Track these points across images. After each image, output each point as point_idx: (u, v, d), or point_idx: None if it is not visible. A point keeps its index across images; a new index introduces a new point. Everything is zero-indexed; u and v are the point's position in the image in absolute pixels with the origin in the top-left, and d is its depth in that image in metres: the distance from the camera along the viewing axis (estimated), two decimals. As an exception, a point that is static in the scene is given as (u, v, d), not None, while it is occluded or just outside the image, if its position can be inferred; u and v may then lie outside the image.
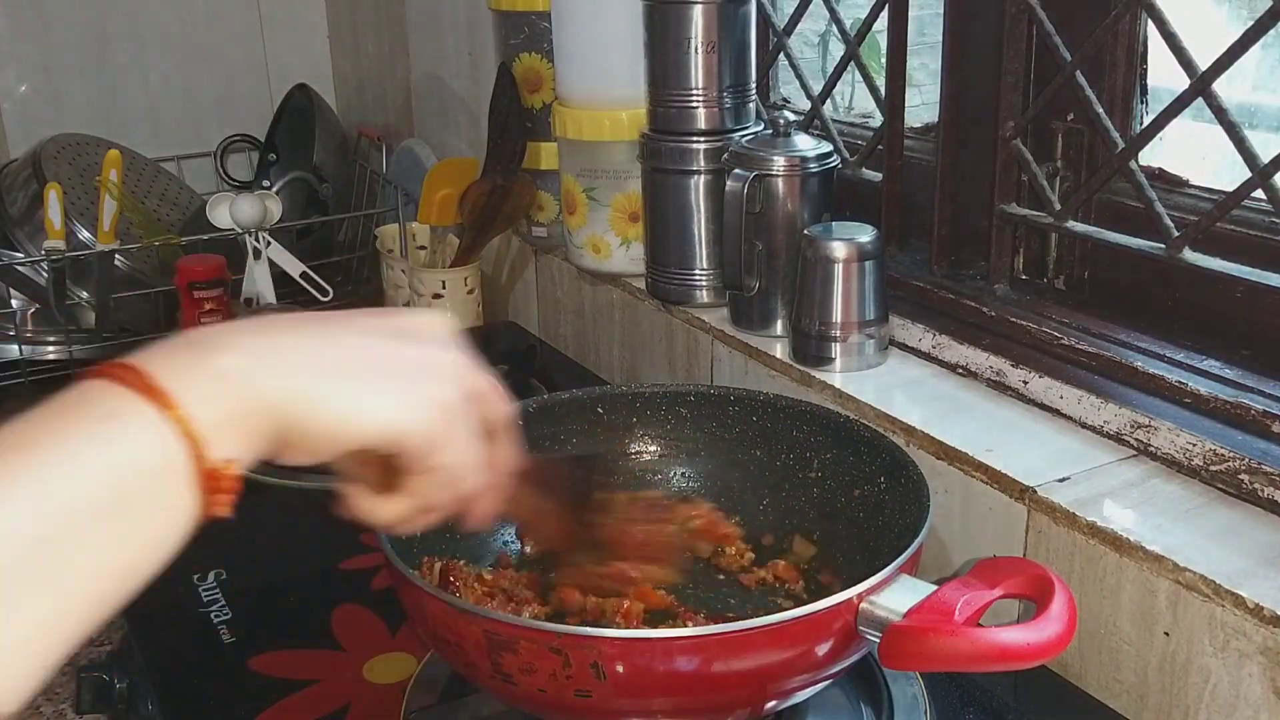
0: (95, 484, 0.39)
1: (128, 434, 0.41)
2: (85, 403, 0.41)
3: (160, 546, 0.42)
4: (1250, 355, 0.85)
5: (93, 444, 0.40)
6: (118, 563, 0.40)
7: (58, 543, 0.38)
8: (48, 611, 0.38)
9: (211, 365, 0.43)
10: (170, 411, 0.41)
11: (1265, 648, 0.67)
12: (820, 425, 0.86)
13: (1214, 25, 0.98)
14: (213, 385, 0.43)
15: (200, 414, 0.42)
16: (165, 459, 0.41)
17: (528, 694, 0.64)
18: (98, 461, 0.40)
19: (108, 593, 0.40)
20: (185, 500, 0.42)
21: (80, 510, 0.38)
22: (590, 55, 1.20)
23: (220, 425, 0.42)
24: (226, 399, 0.43)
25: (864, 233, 0.99)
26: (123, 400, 0.41)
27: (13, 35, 1.89)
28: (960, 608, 0.63)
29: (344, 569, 0.96)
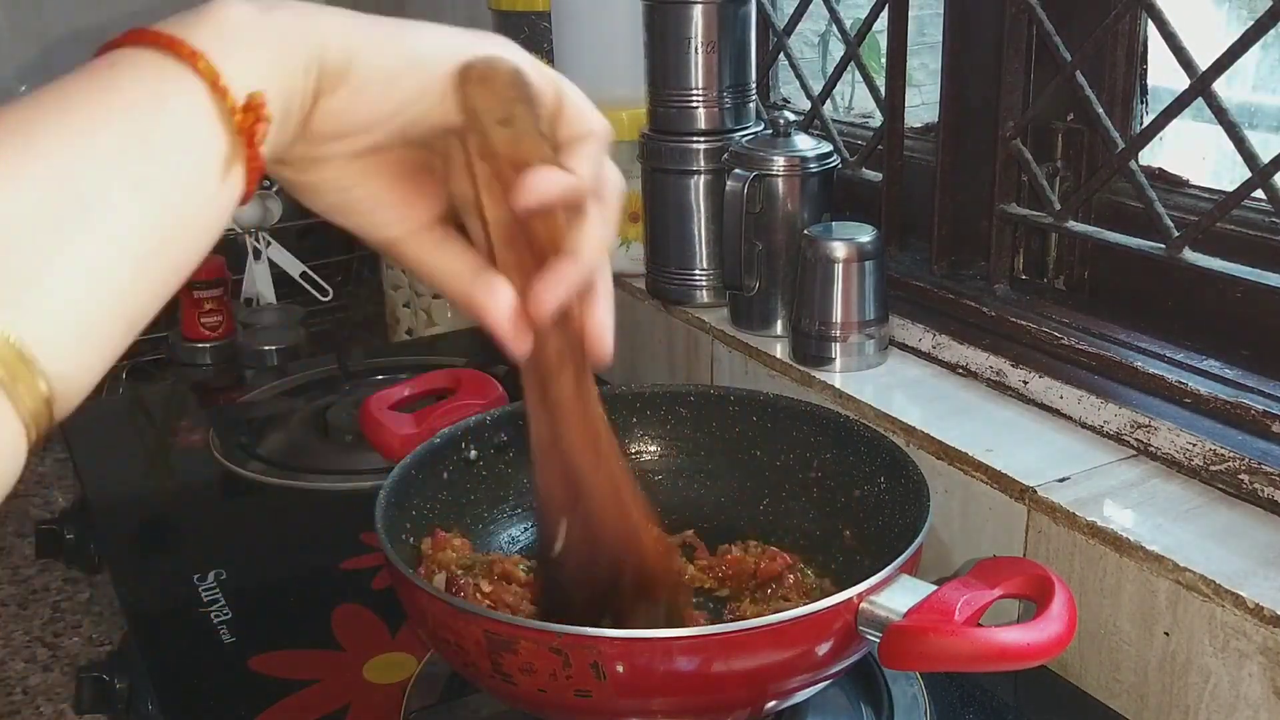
0: (105, 123, 0.37)
1: (135, 77, 0.38)
2: (88, 68, 0.39)
3: (200, 195, 0.39)
4: (1250, 355, 0.85)
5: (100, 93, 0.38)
6: (153, 208, 0.37)
7: (83, 182, 0.35)
8: (88, 259, 0.35)
9: (218, 13, 0.40)
10: (179, 48, 0.38)
11: (1265, 648, 0.67)
12: (820, 425, 0.86)
13: (1214, 25, 0.99)
14: (220, 24, 0.40)
15: (212, 49, 0.39)
16: (181, 96, 0.38)
17: (528, 694, 0.64)
18: (104, 108, 0.37)
19: (150, 243, 0.37)
20: (214, 137, 0.39)
21: (101, 155, 0.36)
22: (590, 55, 1.20)
23: (237, 57, 0.39)
24: (243, 32, 0.40)
25: (864, 233, 0.99)
26: (126, 53, 0.39)
27: (13, 35, 1.89)
28: (960, 608, 0.63)
29: (344, 569, 0.96)
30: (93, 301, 0.35)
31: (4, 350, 0.32)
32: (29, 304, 0.33)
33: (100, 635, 1.24)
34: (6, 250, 0.33)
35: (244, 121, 0.39)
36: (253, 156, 0.40)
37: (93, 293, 0.35)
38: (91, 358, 0.35)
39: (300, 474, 1.14)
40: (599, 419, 0.57)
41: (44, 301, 0.33)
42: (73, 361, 0.34)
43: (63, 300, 0.34)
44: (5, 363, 0.32)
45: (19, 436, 0.33)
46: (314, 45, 0.42)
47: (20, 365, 0.32)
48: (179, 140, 0.38)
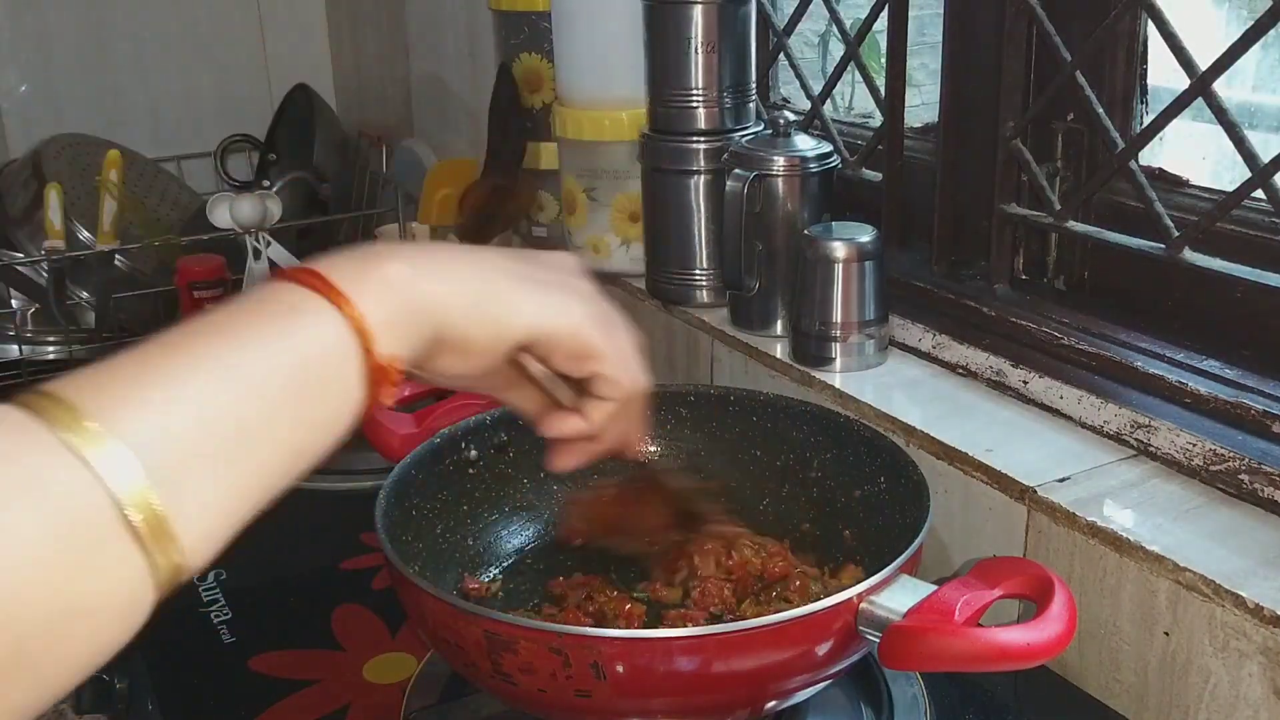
0: (281, 368, 0.44)
1: (310, 326, 0.45)
2: (271, 299, 0.46)
3: (332, 430, 0.46)
4: (1250, 355, 0.85)
5: (280, 334, 0.44)
6: (295, 441, 0.44)
7: (247, 415, 0.42)
8: (242, 480, 0.42)
9: (380, 271, 0.48)
10: (346, 309, 0.46)
11: (1265, 648, 0.67)
12: (820, 425, 0.86)
13: (1214, 25, 0.99)
14: (380, 287, 0.47)
15: (370, 312, 0.46)
16: (341, 350, 0.46)
17: (528, 694, 0.64)
18: (283, 348, 0.44)
19: (287, 469, 0.44)
20: (355, 388, 0.46)
21: (269, 391, 0.43)
22: (590, 55, 1.20)
23: (386, 323, 0.47)
24: (392, 300, 0.47)
25: (864, 233, 0.99)
26: (304, 298, 0.46)
27: (13, 35, 1.89)
28: (960, 608, 0.63)
29: (344, 569, 0.96)
30: (228, 508, 0.42)
31: (155, 522, 0.38)
32: (178, 501, 0.39)
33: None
34: (173, 457, 0.39)
35: (377, 379, 0.47)
36: (373, 404, 0.48)
37: (229, 501, 0.42)
38: (216, 546, 0.42)
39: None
40: None
41: (192, 501, 0.40)
42: (202, 549, 0.41)
43: (206, 504, 0.41)
44: (153, 531, 0.38)
45: (149, 596, 0.41)
46: (439, 320, 0.50)
47: (164, 535, 0.39)
48: (329, 390, 0.45)
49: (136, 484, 0.38)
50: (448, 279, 0.51)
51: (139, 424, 0.39)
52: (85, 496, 0.37)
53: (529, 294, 0.54)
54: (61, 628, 0.37)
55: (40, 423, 0.38)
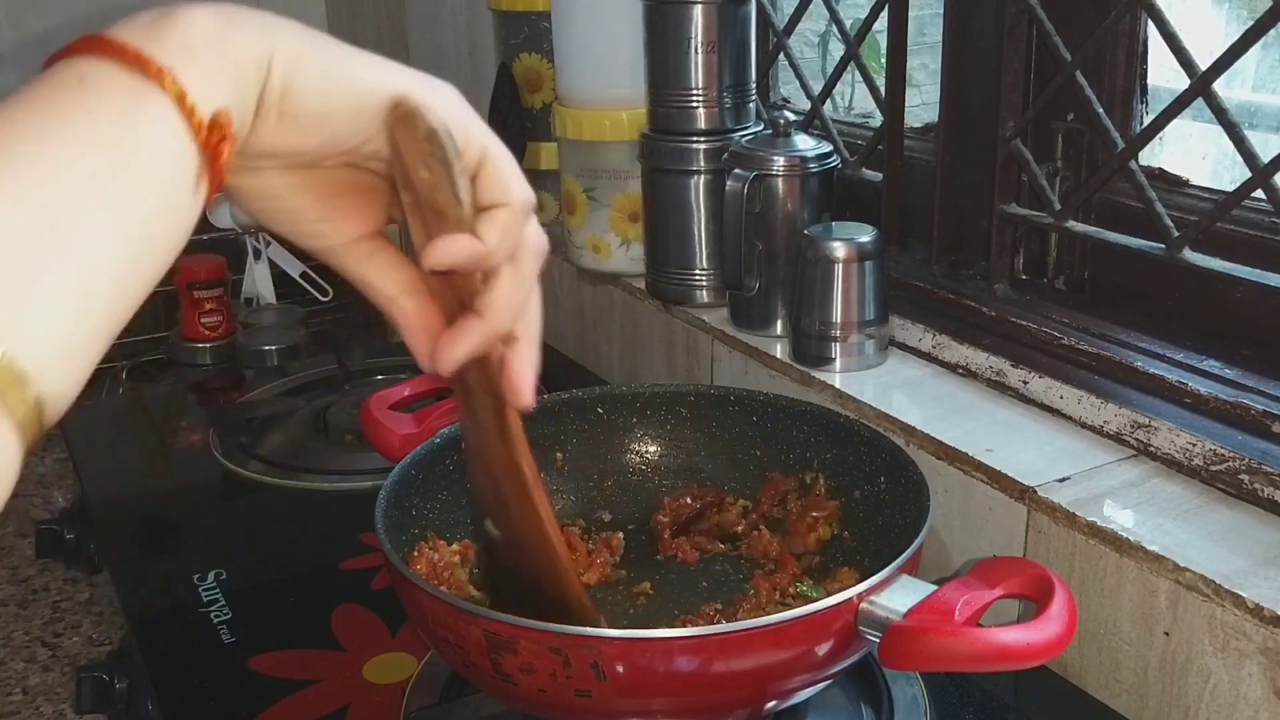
0: (84, 148, 0.38)
1: (102, 94, 0.39)
2: (54, 77, 0.40)
3: (174, 205, 0.40)
4: (1250, 355, 0.85)
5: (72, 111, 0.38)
6: (130, 226, 0.38)
7: (70, 215, 0.37)
8: (71, 280, 0.37)
9: (178, 22, 0.41)
10: (143, 65, 0.40)
11: (1265, 648, 0.67)
12: (820, 425, 0.86)
13: (1214, 25, 0.99)
14: (183, 39, 0.41)
15: (175, 63, 0.40)
16: (146, 108, 0.39)
17: (528, 694, 0.64)
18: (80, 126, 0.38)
19: (129, 259, 0.38)
20: (184, 152, 0.40)
21: (77, 179, 0.37)
22: (590, 55, 1.20)
23: (199, 74, 0.40)
24: (201, 51, 0.41)
25: (864, 233, 0.99)
26: (91, 66, 0.40)
27: (13, 35, 1.89)
28: (960, 608, 0.63)
29: (344, 569, 0.96)
30: (77, 319, 0.37)
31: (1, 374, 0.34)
32: (18, 324, 0.35)
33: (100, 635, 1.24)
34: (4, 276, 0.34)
35: (210, 140, 0.41)
36: (216, 170, 0.41)
37: (77, 311, 0.37)
38: (77, 367, 0.37)
39: (300, 474, 1.14)
40: (521, 454, 0.58)
41: (32, 322, 0.35)
42: (60, 372, 0.36)
43: (50, 321, 0.36)
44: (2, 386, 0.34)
45: (13, 446, 0.35)
46: (264, 66, 0.43)
47: (11, 378, 0.34)
48: (152, 162, 0.39)
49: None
50: (266, 29, 0.43)
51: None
52: None
53: (390, 64, 0.46)
54: None
55: None
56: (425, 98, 0.46)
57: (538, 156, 1.35)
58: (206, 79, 0.41)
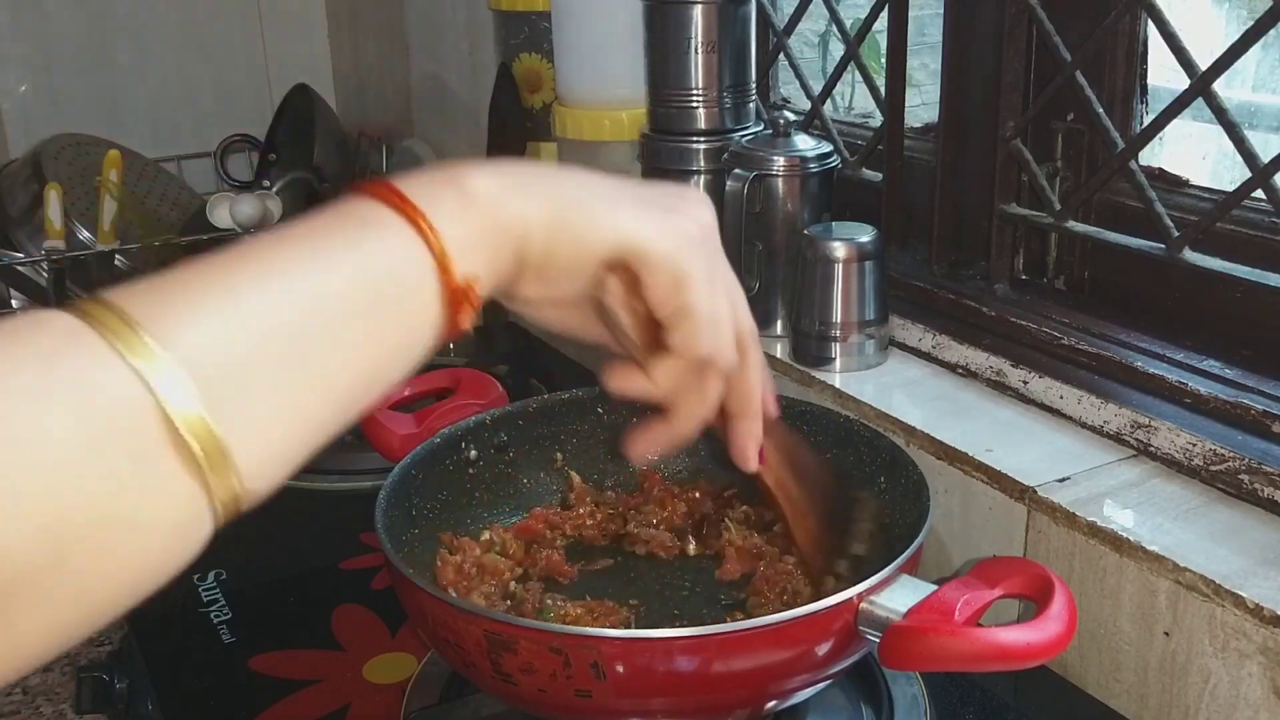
0: (349, 283, 0.41)
1: (381, 241, 0.42)
2: (342, 213, 0.43)
3: (405, 354, 0.43)
4: (1250, 355, 0.85)
5: (349, 247, 0.42)
6: (365, 363, 0.42)
7: (313, 333, 0.39)
8: (305, 401, 0.40)
9: (459, 185, 0.45)
10: (421, 223, 0.43)
11: (1265, 648, 0.67)
12: (820, 425, 0.86)
13: (1214, 25, 0.99)
14: (460, 203, 0.45)
15: (448, 230, 0.43)
16: (414, 266, 0.43)
17: (528, 694, 0.64)
18: (352, 262, 0.41)
19: (354, 392, 0.42)
20: (431, 309, 0.43)
21: (333, 305, 0.40)
22: (590, 55, 1.20)
23: (464, 240, 0.44)
24: (472, 216, 0.45)
25: (864, 233, 0.99)
26: (376, 211, 0.43)
27: (13, 35, 1.89)
28: (960, 608, 0.63)
29: (344, 569, 0.96)
30: (292, 431, 0.40)
31: (210, 445, 0.36)
32: (239, 422, 0.37)
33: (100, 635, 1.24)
34: (229, 373, 0.37)
35: (455, 299, 0.44)
36: (453, 326, 0.45)
37: (294, 425, 0.40)
38: (279, 474, 0.40)
39: (300, 474, 1.13)
40: None
41: (251, 423, 0.38)
42: (264, 475, 0.39)
43: (267, 426, 0.39)
44: (209, 455, 0.36)
45: (207, 524, 0.38)
46: (524, 234, 0.47)
47: (221, 461, 0.37)
48: (402, 310, 0.43)
49: (188, 400, 0.36)
50: (535, 193, 0.47)
51: (195, 337, 0.37)
52: (132, 405, 0.35)
53: (623, 208, 0.49)
54: (104, 539, 0.35)
55: (91, 329, 0.36)
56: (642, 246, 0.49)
57: (538, 156, 1.35)
58: (470, 243, 0.44)
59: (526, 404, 0.87)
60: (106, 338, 0.36)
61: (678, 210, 0.51)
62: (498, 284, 0.47)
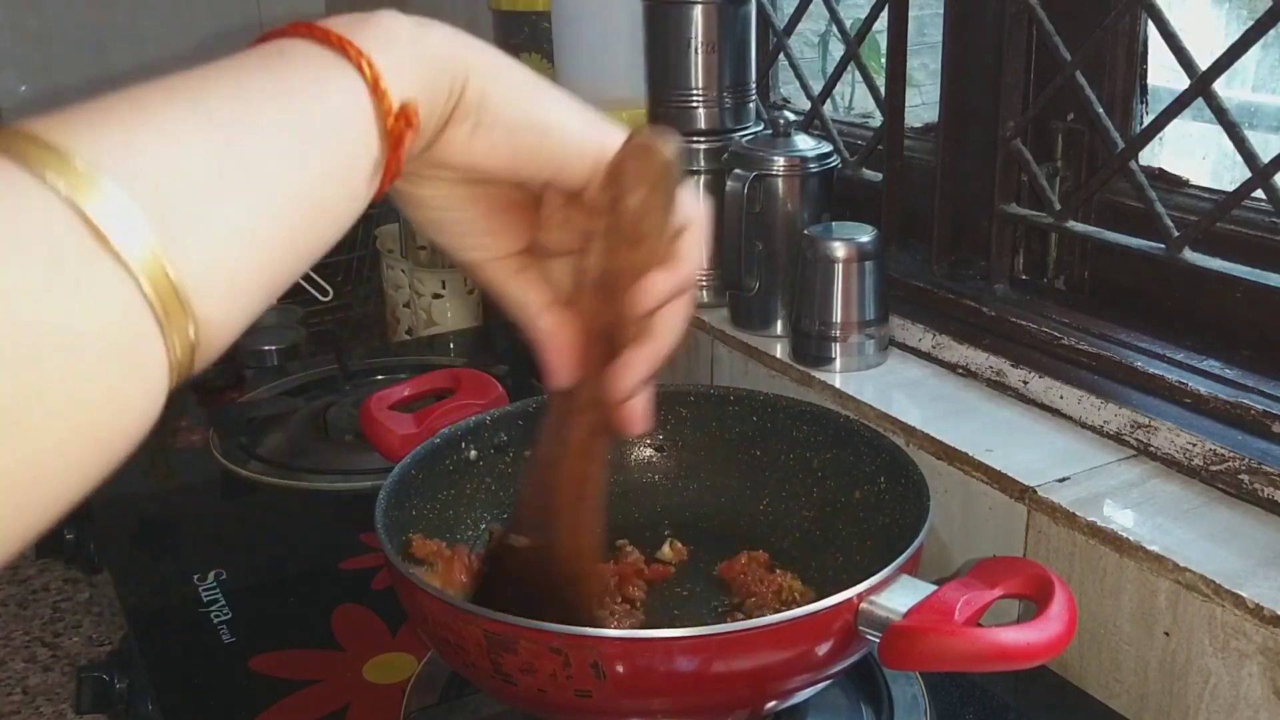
0: (283, 110, 0.39)
1: (310, 70, 0.40)
2: (268, 51, 0.41)
3: (349, 180, 0.41)
4: (1250, 355, 0.85)
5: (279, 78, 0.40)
6: (309, 186, 0.39)
7: (252, 156, 0.37)
8: (249, 222, 0.36)
9: (375, 24, 0.43)
10: (349, 50, 0.41)
11: (1265, 648, 0.67)
12: (820, 425, 0.86)
13: (1214, 25, 0.99)
14: (387, 35, 0.42)
15: (378, 56, 0.41)
16: (348, 94, 0.41)
17: (528, 694, 0.64)
18: (284, 90, 0.39)
19: (303, 218, 0.39)
20: (369, 133, 0.41)
21: (268, 130, 0.38)
22: (590, 55, 1.20)
23: (397, 68, 0.42)
24: (402, 46, 0.43)
25: (864, 233, 0.99)
26: (303, 46, 0.41)
27: (13, 35, 1.89)
28: (960, 608, 0.63)
29: (344, 569, 0.96)
30: (243, 256, 0.36)
31: (164, 289, 0.33)
32: (188, 248, 0.34)
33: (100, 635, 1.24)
34: (172, 195, 0.34)
35: (396, 127, 0.42)
36: (394, 161, 0.42)
37: (244, 248, 0.36)
38: (234, 312, 0.36)
39: (300, 474, 1.13)
40: (594, 476, 0.59)
41: (202, 247, 0.34)
42: (219, 311, 0.35)
43: (219, 249, 0.35)
44: (164, 302, 0.33)
45: (165, 379, 0.34)
46: (459, 72, 0.44)
47: (176, 306, 0.33)
48: (337, 131, 0.40)
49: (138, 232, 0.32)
50: (465, 40, 0.46)
51: (137, 162, 0.34)
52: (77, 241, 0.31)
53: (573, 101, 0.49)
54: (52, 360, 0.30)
55: (18, 165, 0.32)
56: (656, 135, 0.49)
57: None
58: (401, 68, 0.42)
59: (526, 404, 0.87)
60: (37, 172, 0.32)
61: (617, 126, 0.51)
62: (432, 119, 0.44)
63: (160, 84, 0.37)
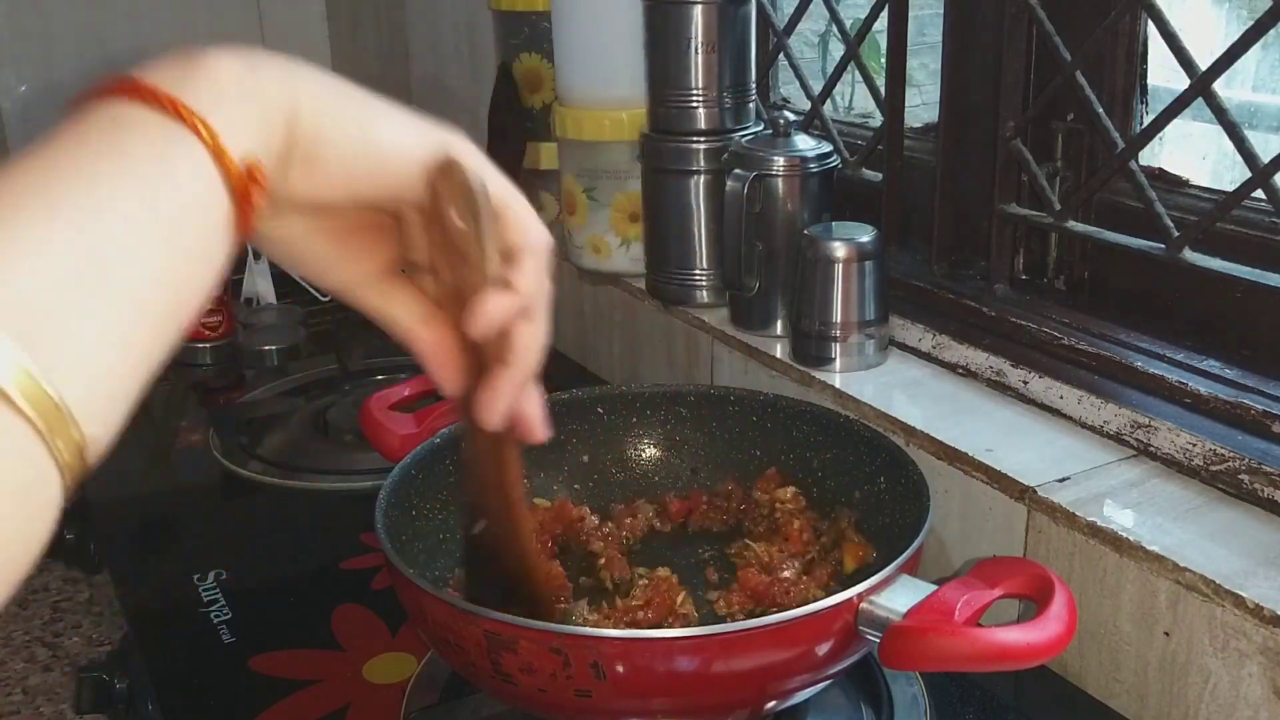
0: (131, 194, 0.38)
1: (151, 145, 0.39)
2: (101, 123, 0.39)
3: (210, 254, 0.41)
4: (1250, 355, 0.85)
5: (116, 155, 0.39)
6: (175, 274, 0.39)
7: (110, 256, 0.37)
8: (117, 327, 0.37)
9: (206, 67, 0.41)
10: (183, 113, 0.40)
11: (1265, 648, 0.67)
12: (820, 425, 0.86)
13: (1214, 25, 0.99)
14: (216, 84, 0.41)
15: (213, 114, 0.40)
16: (188, 158, 0.40)
17: (528, 694, 0.64)
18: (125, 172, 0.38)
19: (167, 306, 0.39)
20: (219, 198, 0.40)
21: (122, 224, 0.37)
22: (590, 55, 1.20)
23: (233, 121, 0.41)
24: (233, 94, 0.41)
25: (864, 233, 0.99)
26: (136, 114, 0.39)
27: (13, 35, 1.89)
28: (960, 608, 0.63)
29: (344, 569, 0.96)
30: (117, 362, 0.37)
31: (45, 404, 0.34)
32: (64, 366, 0.35)
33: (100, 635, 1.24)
34: (39, 316, 0.34)
35: (242, 187, 0.41)
36: (247, 216, 0.42)
37: (118, 354, 0.37)
38: (117, 411, 0.37)
39: (300, 474, 1.14)
40: (512, 479, 0.60)
41: (76, 364, 0.35)
42: (102, 416, 0.36)
43: (93, 363, 0.36)
44: (45, 415, 0.34)
45: (57, 487, 0.35)
46: (291, 112, 0.43)
47: (58, 417, 0.34)
48: (188, 207, 0.40)
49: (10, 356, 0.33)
50: (289, 72, 0.44)
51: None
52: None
53: (411, 120, 0.47)
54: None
55: None
56: (461, 153, 0.48)
57: (538, 156, 1.35)
58: (237, 124, 0.41)
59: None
60: None
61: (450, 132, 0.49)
62: (272, 165, 0.43)
63: (7, 182, 0.36)
